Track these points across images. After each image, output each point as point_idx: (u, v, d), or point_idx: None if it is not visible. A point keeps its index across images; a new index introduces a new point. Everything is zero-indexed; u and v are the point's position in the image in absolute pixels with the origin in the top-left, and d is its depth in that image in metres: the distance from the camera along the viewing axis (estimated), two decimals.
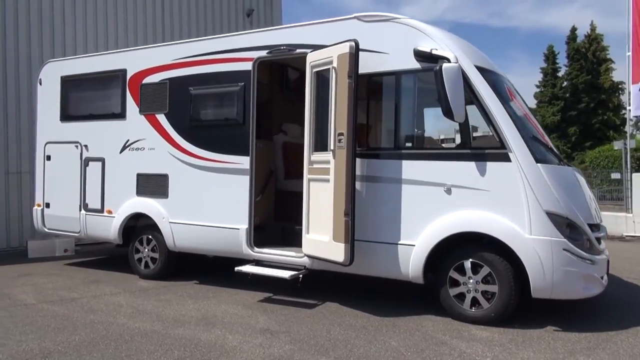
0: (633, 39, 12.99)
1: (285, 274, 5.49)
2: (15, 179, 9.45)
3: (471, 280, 4.82)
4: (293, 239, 6.14)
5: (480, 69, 4.91)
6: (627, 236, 11.98)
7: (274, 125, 7.12)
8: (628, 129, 12.11)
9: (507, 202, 4.61)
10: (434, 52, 4.84)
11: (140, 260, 6.96)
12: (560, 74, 37.89)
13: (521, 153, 4.58)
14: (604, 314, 5.19)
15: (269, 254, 5.86)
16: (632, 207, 12.36)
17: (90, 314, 5.22)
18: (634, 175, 12.47)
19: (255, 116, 6.00)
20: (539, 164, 4.58)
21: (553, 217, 4.50)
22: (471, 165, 4.76)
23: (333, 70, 5.09)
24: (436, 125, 5.21)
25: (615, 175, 14.61)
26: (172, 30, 11.39)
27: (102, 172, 7.18)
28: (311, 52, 5.49)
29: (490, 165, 4.68)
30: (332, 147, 5.10)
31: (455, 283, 4.92)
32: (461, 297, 4.89)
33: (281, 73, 7.30)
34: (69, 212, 7.49)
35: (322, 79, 5.42)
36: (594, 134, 34.85)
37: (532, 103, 37.55)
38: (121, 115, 7.01)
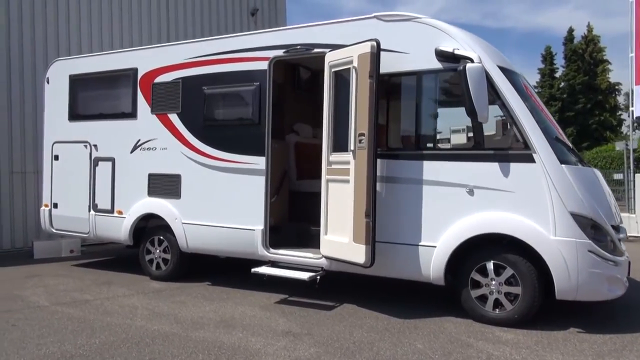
0: (636, 40, 13.04)
1: (304, 275, 5.44)
2: (20, 179, 9.34)
3: (493, 282, 4.79)
4: (308, 240, 6.10)
5: (502, 69, 4.88)
6: (630, 237, 12.01)
7: (285, 126, 7.07)
8: (631, 129, 12.15)
9: (531, 203, 4.58)
10: (456, 52, 4.81)
11: (151, 261, 6.88)
12: (557, 75, 38.07)
13: (545, 154, 4.55)
14: (624, 316, 5.18)
15: (285, 255, 5.81)
16: (635, 207, 12.39)
17: (106, 316, 5.15)
18: (637, 175, 12.51)
19: (271, 116, 5.94)
20: (563, 165, 4.56)
21: (578, 218, 4.48)
22: (494, 166, 4.73)
23: (353, 70, 5.05)
24: (457, 125, 5.16)
25: (617, 176, 14.66)
26: (176, 29, 11.31)
27: (112, 172, 7.10)
28: (329, 51, 5.45)
29: (514, 166, 4.65)
30: (352, 148, 5.05)
31: (476, 284, 4.89)
32: (483, 298, 4.86)
33: (293, 73, 7.25)
34: (78, 213, 7.40)
35: (340, 78, 5.37)
36: (591, 135, 35.04)
37: None
38: (132, 114, 6.94)
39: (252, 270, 5.77)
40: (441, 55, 4.91)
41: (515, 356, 4.03)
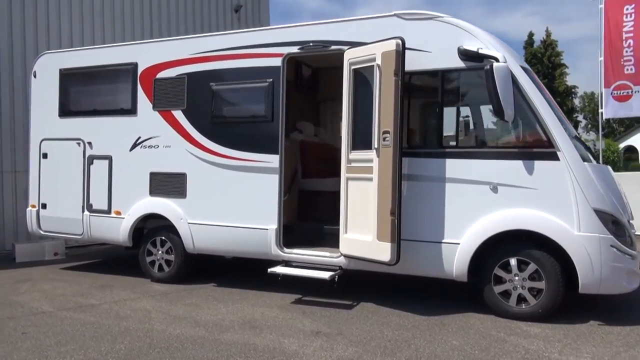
0: (605, 45, 13.63)
1: (325, 274, 5.38)
2: (10, 179, 8.84)
3: (517, 278, 4.87)
4: (320, 239, 6.05)
5: (523, 69, 4.98)
6: None
7: (289, 124, 6.97)
8: (600, 131, 12.69)
9: (555, 200, 4.70)
10: (480, 51, 4.87)
11: (153, 263, 6.64)
12: None
13: (569, 152, 4.67)
14: (630, 309, 5.37)
15: (301, 254, 5.73)
16: None
17: (121, 321, 4.93)
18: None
19: (285, 113, 5.85)
20: (585, 163, 4.70)
21: (600, 214, 4.62)
22: (519, 163, 4.82)
23: (377, 67, 5.03)
24: (480, 123, 5.23)
25: None
26: (159, 25, 10.98)
27: (110, 171, 6.80)
28: (349, 49, 5.40)
29: (539, 164, 4.75)
30: (376, 146, 5.03)
31: (498, 280, 4.96)
32: (505, 294, 4.94)
33: (295, 70, 7.16)
34: (70, 214, 7.05)
35: (360, 76, 5.34)
36: None
37: None
38: (131, 111, 6.67)
39: (269, 270, 5.66)
40: (465, 54, 4.96)
41: (550, 349, 4.12)
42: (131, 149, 6.66)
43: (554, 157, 4.71)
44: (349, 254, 5.36)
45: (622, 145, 36.00)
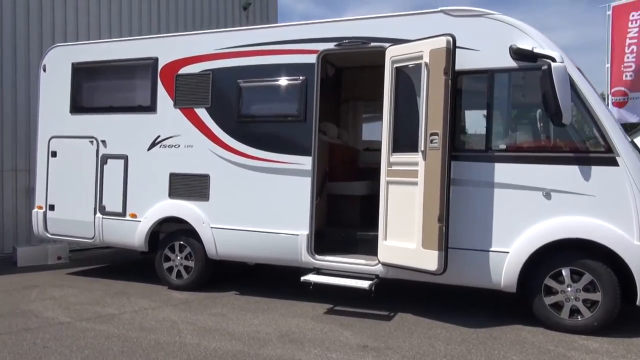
0: (612, 52, 13.62)
1: (364, 283, 5.08)
2: (10, 178, 8.40)
3: (569, 289, 4.64)
4: (353, 246, 5.76)
5: (579, 70, 4.77)
6: None
7: None
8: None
9: (614, 207, 4.47)
10: (535, 50, 4.64)
11: (170, 269, 6.27)
12: None
13: (629, 158, 4.46)
14: None
15: (335, 262, 5.42)
16: None
17: (148, 333, 4.57)
18: None
19: (319, 113, 5.55)
20: None
21: None
22: (574, 169, 4.59)
23: (425, 66, 4.77)
24: (532, 126, 5.00)
25: None
26: (167, 22, 10.60)
27: (125, 171, 6.43)
28: (391, 46, 5.14)
29: (596, 170, 4.53)
30: (422, 148, 4.76)
31: (549, 291, 4.72)
32: (556, 306, 4.70)
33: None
34: (80, 216, 6.66)
35: (403, 75, 5.08)
36: None
37: None
38: (150, 108, 6.31)
39: (302, 278, 5.34)
40: (518, 53, 4.72)
41: None
42: (149, 149, 6.30)
43: (613, 162, 4.49)
44: (389, 262, 5.07)
45: None
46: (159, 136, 6.26)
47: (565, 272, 4.64)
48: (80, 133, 6.70)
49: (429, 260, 4.70)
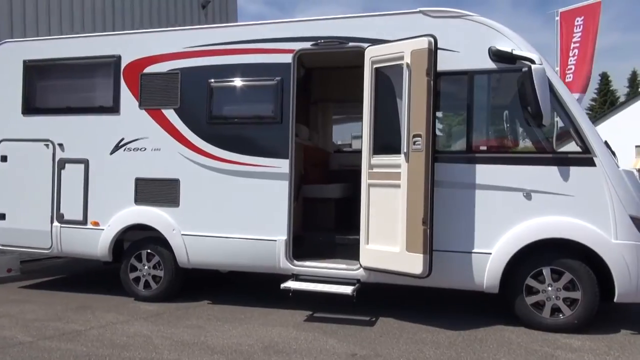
0: (561, 56, 14.21)
1: (347, 289, 4.96)
2: None
3: (550, 288, 4.70)
4: (331, 250, 5.64)
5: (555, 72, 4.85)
6: None
7: None
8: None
9: (592, 207, 4.56)
10: (514, 52, 4.67)
11: (137, 279, 5.92)
12: None
13: (605, 158, 4.57)
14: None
15: (315, 267, 5.27)
16: None
17: (121, 350, 4.26)
18: None
19: (295, 114, 5.39)
20: (620, 169, 4.61)
21: (636, 221, 4.53)
22: (553, 169, 4.65)
23: (406, 66, 4.70)
24: (511, 127, 5.03)
25: None
26: (122, 19, 10.14)
27: (85, 176, 6.02)
28: (370, 46, 5.05)
29: (575, 170, 4.61)
30: (405, 150, 4.70)
31: (530, 291, 4.77)
32: (537, 305, 4.75)
33: None
34: (35, 225, 6.18)
35: (383, 76, 5.00)
36: None
37: None
38: (113, 109, 5.94)
39: (282, 285, 5.15)
40: (497, 55, 4.74)
41: None
42: (112, 152, 5.93)
43: (590, 163, 4.58)
44: (372, 266, 4.97)
45: None
46: (122, 139, 5.90)
47: (545, 271, 4.70)
48: (33, 136, 6.22)
49: (414, 264, 4.63)
